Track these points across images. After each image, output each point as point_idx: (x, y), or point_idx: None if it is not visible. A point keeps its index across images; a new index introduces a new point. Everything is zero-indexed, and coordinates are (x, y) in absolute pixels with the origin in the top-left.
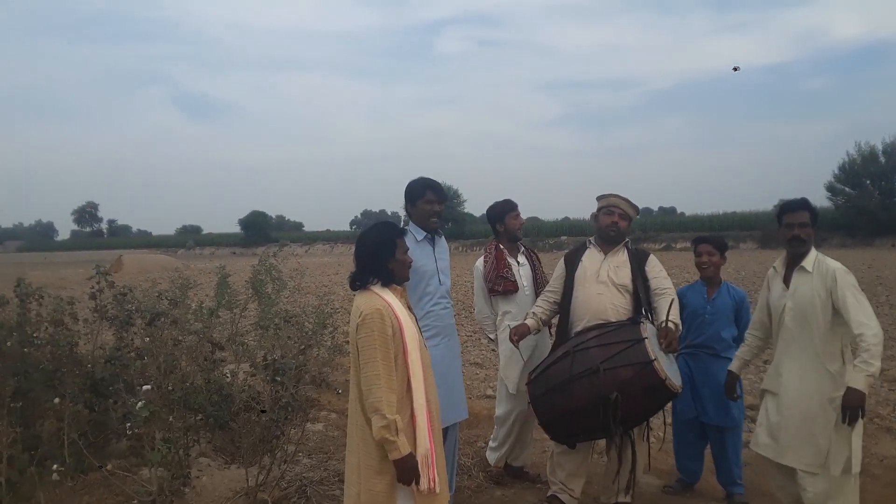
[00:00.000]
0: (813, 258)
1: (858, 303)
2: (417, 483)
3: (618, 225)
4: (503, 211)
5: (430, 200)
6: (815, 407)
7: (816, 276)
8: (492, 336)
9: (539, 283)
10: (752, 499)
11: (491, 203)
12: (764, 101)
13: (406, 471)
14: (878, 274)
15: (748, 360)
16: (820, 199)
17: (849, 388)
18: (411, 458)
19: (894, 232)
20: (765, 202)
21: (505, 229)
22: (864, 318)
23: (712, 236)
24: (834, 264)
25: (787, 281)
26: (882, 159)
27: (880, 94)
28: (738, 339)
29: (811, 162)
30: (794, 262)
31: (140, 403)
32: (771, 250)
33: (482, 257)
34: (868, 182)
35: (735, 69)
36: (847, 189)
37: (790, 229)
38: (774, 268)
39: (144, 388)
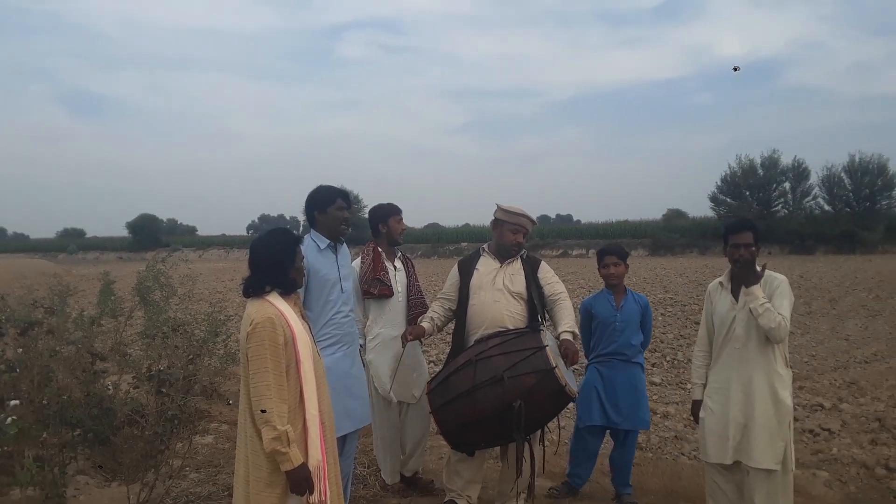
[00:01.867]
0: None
1: (783, 303)
2: (311, 493)
3: (521, 244)
4: (388, 213)
5: (341, 207)
6: (771, 408)
7: (764, 287)
8: (361, 342)
9: (412, 292)
10: (639, 498)
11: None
12: (656, 113)
13: (299, 481)
14: None
15: (702, 376)
16: (704, 210)
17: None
18: (304, 468)
19: (770, 240)
20: (655, 211)
21: (388, 231)
22: (783, 309)
23: (616, 247)
24: (779, 277)
25: (734, 294)
26: (760, 172)
27: (760, 109)
28: (644, 344)
29: (698, 173)
30: (739, 278)
31: (9, 420)
32: (660, 257)
33: (359, 258)
34: (747, 193)
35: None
36: (728, 199)
37: (736, 249)
38: (721, 283)
39: (12, 403)
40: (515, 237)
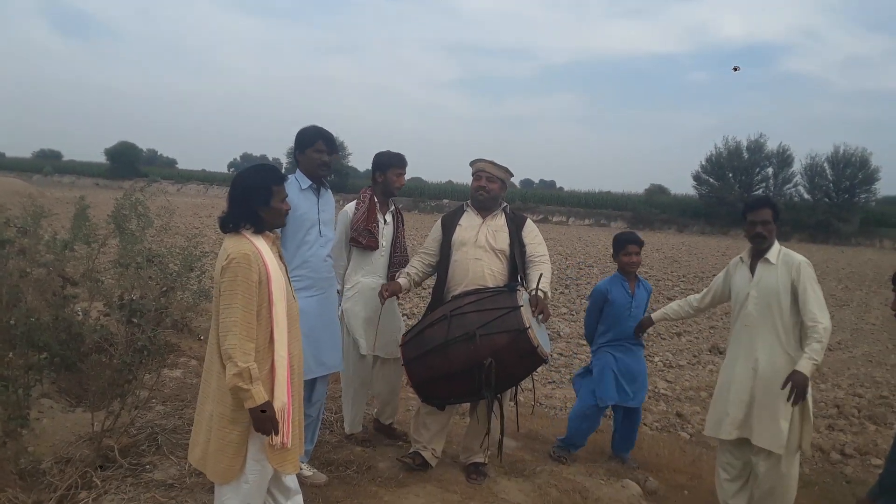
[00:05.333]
0: (777, 251)
1: (816, 295)
2: (276, 433)
3: (486, 189)
4: (388, 164)
5: (319, 150)
6: (777, 389)
7: (781, 266)
8: (337, 288)
9: (397, 248)
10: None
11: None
12: (649, 88)
13: (262, 420)
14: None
15: (670, 318)
16: (686, 188)
17: (795, 371)
18: (268, 406)
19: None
20: (638, 185)
21: (384, 182)
22: (817, 311)
23: (635, 236)
24: (798, 257)
25: (752, 270)
26: (745, 155)
27: (751, 93)
28: None
29: (684, 151)
30: (758, 255)
31: None
32: (639, 230)
33: (353, 202)
34: (731, 175)
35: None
36: (711, 180)
37: (753, 227)
38: (741, 258)
39: None
40: (478, 183)
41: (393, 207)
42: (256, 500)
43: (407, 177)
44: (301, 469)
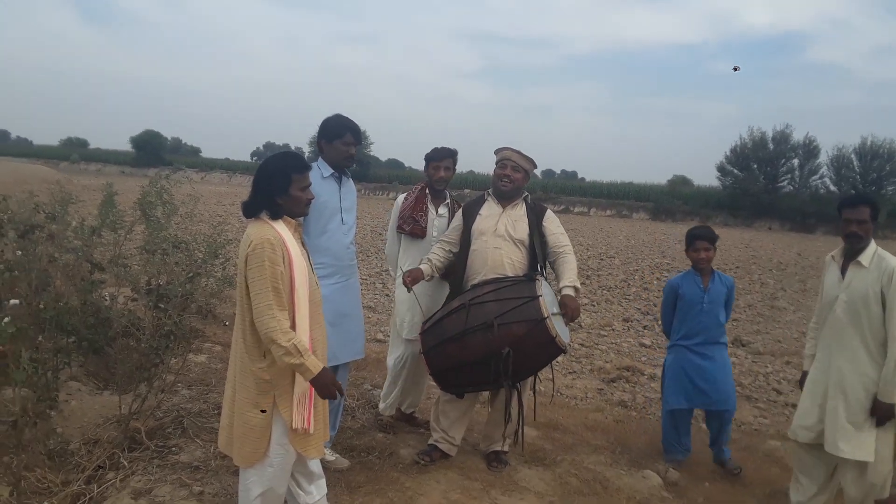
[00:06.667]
0: (871, 253)
1: None
2: (342, 395)
3: (510, 178)
4: (429, 159)
5: (348, 142)
6: (862, 399)
7: (874, 270)
8: (393, 274)
9: None
10: (621, 454)
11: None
12: (673, 77)
13: (324, 385)
14: (754, 254)
15: (814, 354)
16: (710, 179)
17: (877, 401)
18: (325, 373)
19: (773, 216)
20: (660, 176)
21: (428, 175)
22: None
23: (706, 231)
24: (893, 262)
25: (843, 271)
26: (771, 146)
27: (777, 83)
28: (724, 320)
29: (708, 142)
30: (851, 255)
31: (6, 319)
32: (661, 222)
33: (406, 193)
34: (755, 166)
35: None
36: (735, 171)
37: (848, 225)
38: (833, 256)
39: (12, 302)
40: (503, 171)
41: (448, 200)
42: (280, 484)
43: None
44: (324, 454)
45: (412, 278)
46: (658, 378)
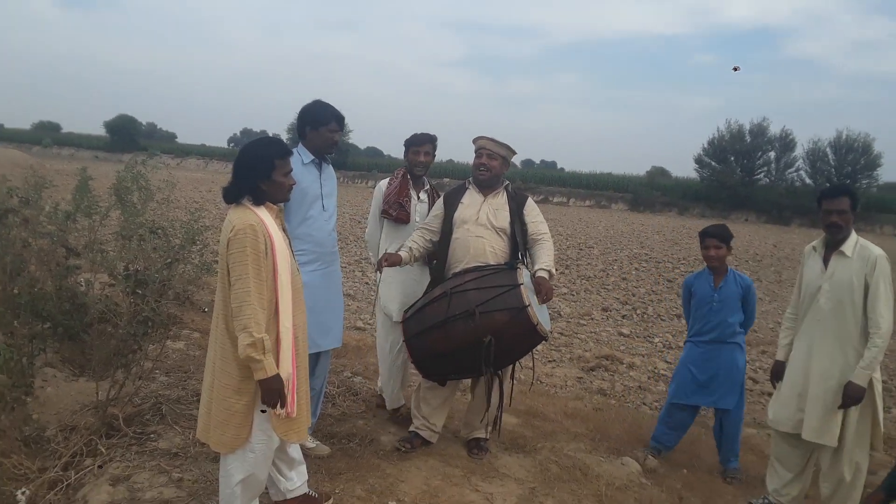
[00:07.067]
0: (853, 243)
1: (886, 296)
2: (283, 405)
3: (486, 166)
4: (408, 144)
5: (333, 130)
6: (835, 385)
7: (857, 260)
8: (374, 260)
9: None
10: (599, 443)
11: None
12: (653, 69)
13: (271, 391)
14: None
15: (791, 343)
16: (687, 171)
17: (849, 383)
18: (277, 379)
19: (749, 207)
20: (639, 167)
21: (407, 161)
22: (883, 312)
23: (717, 229)
24: (876, 251)
25: (825, 262)
26: (748, 138)
27: (756, 76)
28: (745, 325)
29: (686, 134)
30: (833, 246)
31: None
32: (639, 213)
33: (388, 179)
34: (732, 159)
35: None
36: (713, 163)
37: (828, 216)
38: (814, 247)
39: None
40: (479, 161)
41: (428, 186)
42: (262, 469)
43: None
44: (305, 441)
45: (390, 262)
46: (637, 367)
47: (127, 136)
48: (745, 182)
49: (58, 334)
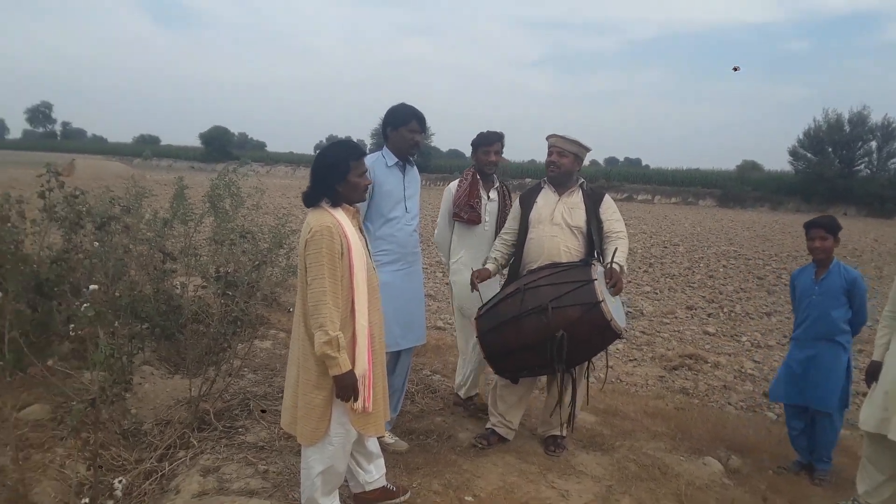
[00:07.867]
0: None
1: None
2: (355, 400)
3: (556, 163)
4: (478, 144)
5: (413, 130)
6: None
7: None
8: (446, 261)
9: (502, 224)
10: (681, 442)
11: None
12: (742, 59)
13: (345, 387)
14: None
15: (888, 343)
16: (781, 164)
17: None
18: (351, 375)
19: (848, 201)
20: (729, 161)
21: (476, 160)
22: None
23: (825, 219)
24: None
25: None
26: (847, 128)
27: (855, 63)
28: (853, 323)
29: (779, 125)
30: None
31: (85, 304)
32: (728, 209)
33: (457, 181)
34: (830, 150)
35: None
36: (809, 155)
37: None
38: None
39: (91, 287)
40: (549, 158)
41: (498, 184)
42: (340, 462)
43: (498, 154)
44: (384, 436)
45: (481, 278)
46: (722, 366)
47: (220, 146)
48: (843, 174)
49: (155, 334)
